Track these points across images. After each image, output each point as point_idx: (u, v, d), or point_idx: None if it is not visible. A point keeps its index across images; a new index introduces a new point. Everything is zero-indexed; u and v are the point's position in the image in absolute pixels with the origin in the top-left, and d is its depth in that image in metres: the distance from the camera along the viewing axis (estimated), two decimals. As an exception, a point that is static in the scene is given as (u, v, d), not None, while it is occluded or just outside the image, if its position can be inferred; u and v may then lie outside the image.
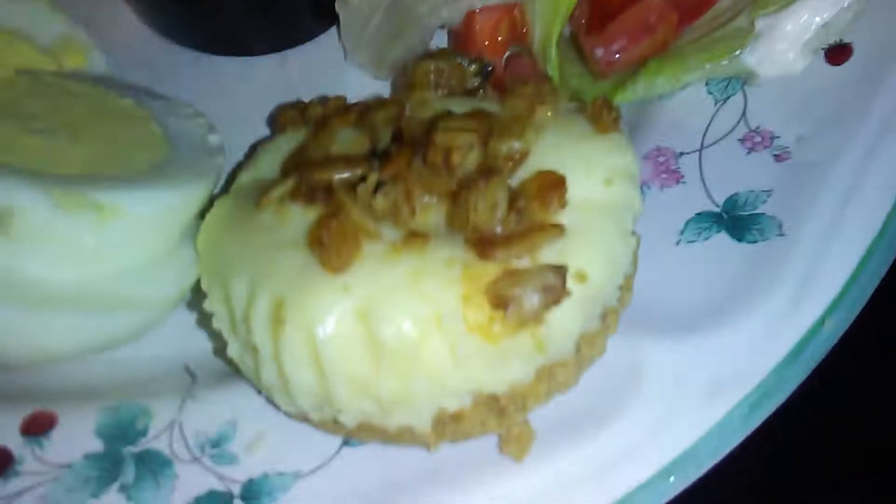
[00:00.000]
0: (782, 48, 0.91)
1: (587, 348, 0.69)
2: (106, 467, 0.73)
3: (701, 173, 0.91)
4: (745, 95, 0.96)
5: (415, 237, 0.67)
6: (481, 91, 0.88)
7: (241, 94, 1.08)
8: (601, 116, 0.74)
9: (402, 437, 0.69)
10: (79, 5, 1.07)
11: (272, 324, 0.66)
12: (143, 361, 0.82)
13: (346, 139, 0.80)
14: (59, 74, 0.91)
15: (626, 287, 0.73)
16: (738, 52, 0.94)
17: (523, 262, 0.63)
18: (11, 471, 0.72)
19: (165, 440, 0.75)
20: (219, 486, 0.71)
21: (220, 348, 0.77)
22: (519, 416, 0.68)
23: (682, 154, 0.93)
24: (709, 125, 0.95)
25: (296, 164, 0.77)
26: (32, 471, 0.72)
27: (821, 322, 0.73)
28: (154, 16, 1.08)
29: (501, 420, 0.68)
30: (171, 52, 1.10)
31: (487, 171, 0.67)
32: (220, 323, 0.73)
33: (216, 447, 0.74)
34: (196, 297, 0.79)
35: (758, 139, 0.92)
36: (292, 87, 1.07)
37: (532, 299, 0.60)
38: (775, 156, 0.90)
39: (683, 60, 0.97)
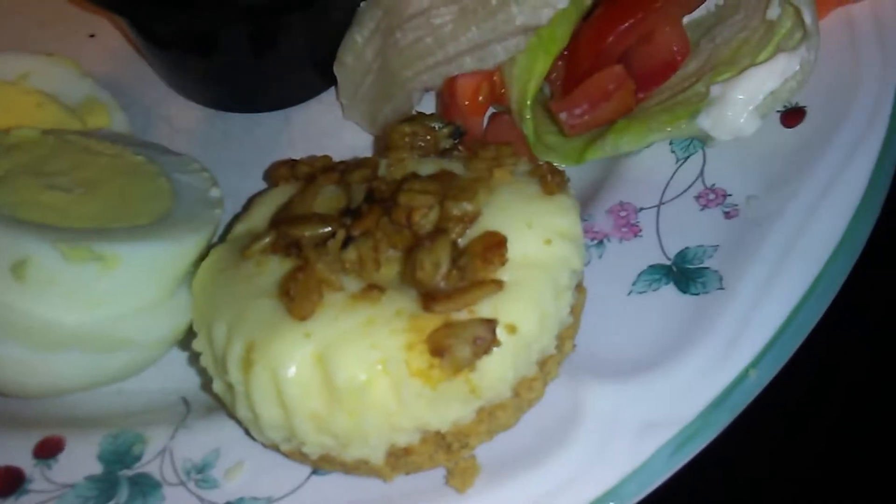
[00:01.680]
0: (733, 113, 0.98)
1: (525, 392, 0.77)
2: (103, 488, 0.82)
3: (657, 228, 0.98)
4: (704, 155, 1.04)
5: (372, 290, 0.75)
6: (456, 150, 0.97)
7: (246, 147, 1.18)
8: (547, 179, 0.82)
9: (359, 468, 0.77)
10: (105, 68, 1.20)
11: (244, 364, 0.75)
12: (144, 393, 0.92)
13: (328, 195, 0.90)
14: (83, 133, 1.02)
15: (565, 336, 0.80)
16: (694, 116, 1.01)
17: (462, 315, 0.71)
18: (22, 488, 0.82)
19: (157, 465, 0.84)
20: (200, 508, 0.80)
21: (206, 383, 0.86)
22: (464, 452, 0.76)
23: (642, 209, 1.00)
24: (669, 182, 1.02)
25: (278, 219, 0.87)
26: (40, 489, 0.82)
27: (745, 372, 0.80)
28: (173, 77, 1.20)
29: (448, 455, 0.76)
30: (186, 108, 1.21)
31: (435, 231, 0.76)
32: (205, 361, 0.83)
33: (200, 472, 0.83)
34: (190, 336, 0.89)
35: (711, 196, 0.99)
36: (294, 141, 1.18)
37: (465, 349, 0.69)
38: (725, 212, 0.97)
39: (647, 122, 1.05)
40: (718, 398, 0.79)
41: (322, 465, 0.79)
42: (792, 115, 1.02)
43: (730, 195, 0.98)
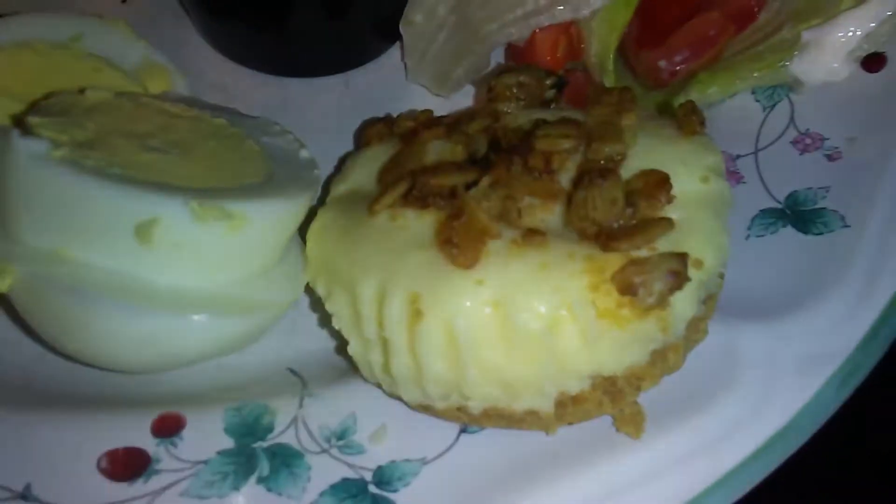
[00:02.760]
0: (828, 58, 0.99)
1: (692, 332, 0.75)
2: (241, 462, 0.77)
3: (759, 174, 0.98)
4: (790, 102, 1.04)
5: (533, 234, 0.72)
6: (558, 101, 0.95)
7: (307, 113, 1.13)
8: (689, 120, 0.81)
9: (524, 421, 0.74)
10: (155, 34, 1.13)
11: (409, 317, 0.71)
12: (245, 367, 0.86)
13: (439, 150, 0.86)
14: (153, 96, 0.96)
15: (718, 286, 0.79)
16: (784, 63, 1.02)
17: (643, 253, 0.69)
18: (151, 469, 0.76)
19: (292, 434, 0.79)
20: (351, 474, 0.76)
21: (340, 346, 0.81)
22: (633, 398, 0.74)
23: (738, 157, 1.00)
24: (760, 130, 1.02)
25: (402, 173, 0.82)
26: (171, 468, 0.76)
27: (893, 302, 0.80)
28: (224, 42, 1.14)
29: (616, 402, 0.74)
30: (240, 74, 1.15)
31: (603, 170, 0.73)
32: (340, 322, 0.78)
33: (342, 439, 0.79)
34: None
35: (808, 141, 0.99)
36: (357, 105, 1.13)
37: (659, 284, 0.66)
38: (827, 156, 0.97)
39: (734, 71, 1.05)
40: (872, 329, 0.79)
41: (482, 420, 0.75)
42: (873, 61, 1.03)
43: (827, 139, 0.99)
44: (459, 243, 0.71)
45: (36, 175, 0.75)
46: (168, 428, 0.79)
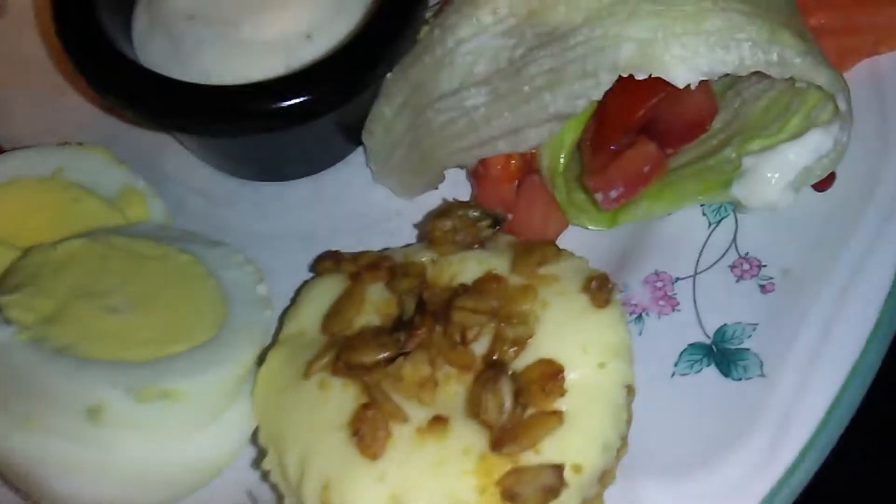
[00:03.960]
0: (766, 186, 1.00)
1: (589, 505, 0.82)
2: None
3: (695, 301, 1.01)
4: (735, 219, 1.06)
5: (437, 422, 0.79)
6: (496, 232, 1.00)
7: (279, 214, 1.19)
8: (599, 293, 0.85)
9: None
10: (135, 143, 1.20)
11: (322, 502, 0.79)
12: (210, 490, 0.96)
13: (378, 296, 0.93)
14: (125, 234, 1.03)
15: (622, 445, 0.84)
16: (726, 186, 1.03)
17: (528, 456, 0.76)
18: None
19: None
20: None
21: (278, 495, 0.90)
22: None
23: (678, 279, 1.03)
24: (703, 248, 1.05)
25: (333, 337, 0.90)
26: None
27: (792, 469, 0.85)
28: (200, 153, 1.20)
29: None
30: (217, 178, 1.22)
31: (493, 367, 0.79)
32: (275, 479, 0.87)
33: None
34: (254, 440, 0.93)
35: (746, 266, 1.02)
36: (327, 205, 1.19)
37: (535, 496, 0.73)
38: (761, 286, 1.00)
39: (679, 188, 1.07)
40: (770, 493, 0.84)
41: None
42: (822, 181, 1.03)
43: (764, 266, 1.01)
44: (365, 435, 0.78)
45: (1, 360, 0.85)
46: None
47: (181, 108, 1.04)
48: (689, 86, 1.06)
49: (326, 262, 1.00)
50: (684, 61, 0.91)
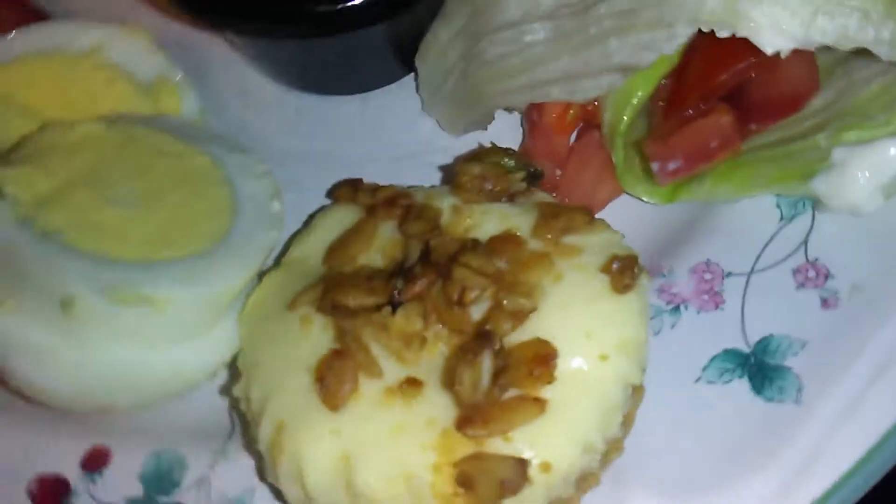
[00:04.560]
0: (854, 185, 0.86)
1: (560, 507, 0.73)
2: (141, 514, 0.85)
3: (743, 302, 0.89)
4: (813, 218, 0.92)
5: (410, 385, 0.72)
6: (531, 189, 0.90)
7: (319, 130, 1.12)
8: (621, 277, 0.74)
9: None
10: (179, 32, 1.15)
11: (273, 444, 0.74)
12: (195, 408, 0.92)
13: (387, 235, 0.85)
14: (150, 125, 0.98)
15: (612, 448, 0.75)
16: (808, 177, 0.89)
17: (496, 443, 0.67)
18: (66, 501, 0.85)
19: (193, 496, 0.85)
20: (225, 552, 0.82)
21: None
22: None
23: (729, 274, 0.91)
24: (767, 244, 0.92)
25: (331, 270, 0.83)
26: (83, 505, 0.86)
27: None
28: (247, 53, 1.14)
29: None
30: (261, 83, 1.15)
31: (482, 337, 0.70)
32: (243, 408, 0.82)
33: (233, 512, 0.84)
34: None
35: (812, 274, 0.88)
36: (370, 128, 1.12)
37: (491, 489, 0.65)
38: (823, 299, 0.86)
39: (753, 171, 0.93)
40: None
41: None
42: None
43: (832, 277, 0.87)
44: (330, 384, 0.72)
45: None
46: (96, 461, 0.88)
47: (231, 5, 0.97)
48: (782, 54, 0.92)
49: (344, 190, 0.92)
50: (776, 24, 0.77)
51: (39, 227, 0.83)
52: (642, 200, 0.97)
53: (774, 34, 0.77)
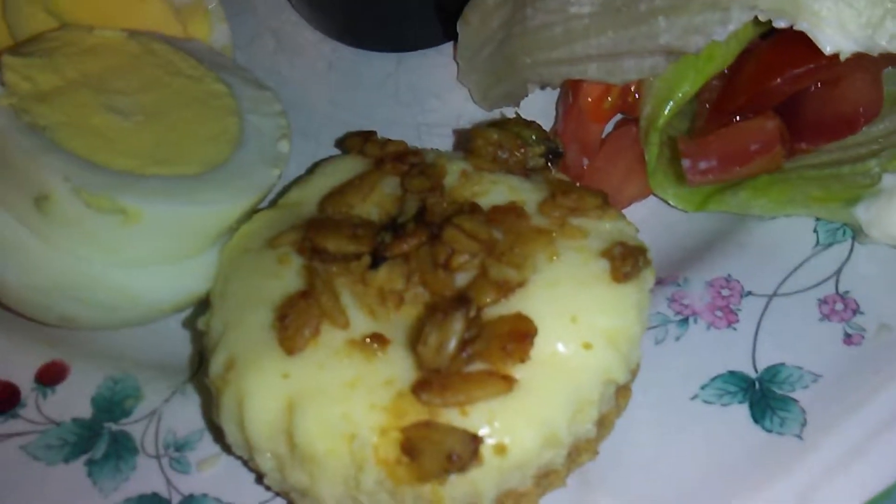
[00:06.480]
0: (899, 217, 0.78)
1: (512, 502, 0.66)
2: (84, 437, 0.80)
3: (759, 324, 0.82)
4: (851, 249, 0.84)
5: (375, 340, 0.66)
6: (548, 168, 0.84)
7: (347, 84, 1.08)
8: (621, 265, 0.68)
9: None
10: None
11: (219, 379, 0.69)
12: (163, 338, 0.88)
13: (388, 189, 0.80)
14: (173, 43, 0.95)
15: (583, 448, 0.68)
16: (852, 202, 0.81)
17: (450, 413, 0.61)
18: (14, 412, 0.81)
19: (141, 427, 0.81)
20: (163, 492, 0.77)
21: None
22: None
23: (749, 294, 0.84)
24: (796, 269, 0.84)
25: (323, 214, 0.78)
26: (29, 418, 0.81)
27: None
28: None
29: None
30: (298, 26, 1.11)
31: (459, 301, 0.64)
32: (204, 340, 0.77)
33: (178, 451, 0.79)
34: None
35: (839, 307, 0.81)
36: (399, 90, 1.07)
37: (435, 461, 0.59)
38: (847, 335, 0.79)
39: (793, 188, 0.86)
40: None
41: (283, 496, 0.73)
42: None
43: (861, 313, 0.80)
44: (289, 325, 0.66)
45: None
46: (51, 376, 0.84)
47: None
48: (854, 72, 0.85)
49: (354, 140, 0.88)
50: (840, 21, 0.70)
51: (30, 119, 0.79)
52: (669, 205, 0.90)
53: (836, 32, 0.70)
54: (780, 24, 0.73)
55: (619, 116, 0.96)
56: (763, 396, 0.76)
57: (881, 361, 0.75)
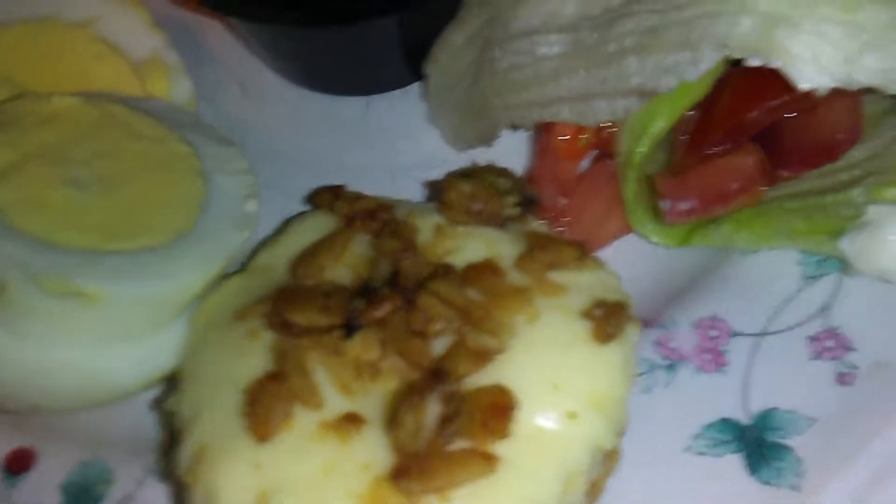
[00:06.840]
0: (886, 248, 0.75)
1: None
2: (55, 527, 0.77)
3: (748, 367, 0.79)
4: (840, 282, 0.81)
5: (349, 422, 0.63)
6: (525, 215, 0.81)
7: (316, 130, 1.06)
8: (605, 324, 0.65)
9: None
10: (183, 23, 1.09)
11: (191, 470, 0.66)
12: (132, 418, 0.84)
13: (361, 249, 0.78)
14: (132, 105, 0.92)
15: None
16: (836, 234, 0.79)
17: (431, 500, 0.58)
18: (-17, 503, 0.78)
19: (114, 514, 0.78)
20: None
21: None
22: None
23: (737, 334, 0.81)
24: (784, 305, 0.82)
25: (296, 281, 0.75)
26: (-2, 509, 0.78)
27: None
28: (250, 42, 1.07)
29: None
30: (262, 74, 1.09)
31: (435, 377, 0.61)
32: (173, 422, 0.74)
33: (155, 537, 0.76)
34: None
35: (830, 344, 0.78)
36: (369, 134, 1.05)
37: (416, 557, 0.56)
38: (840, 375, 0.76)
39: (777, 220, 0.83)
40: None
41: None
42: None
43: (854, 350, 0.77)
44: (259, 412, 0.63)
45: None
46: (20, 463, 0.81)
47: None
48: (833, 99, 0.82)
49: (323, 196, 0.85)
50: (816, 57, 0.67)
51: (-18, 204, 0.76)
52: (650, 241, 0.88)
53: (812, 69, 0.68)
54: (754, 62, 0.70)
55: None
56: (758, 445, 0.73)
57: (876, 402, 0.72)
